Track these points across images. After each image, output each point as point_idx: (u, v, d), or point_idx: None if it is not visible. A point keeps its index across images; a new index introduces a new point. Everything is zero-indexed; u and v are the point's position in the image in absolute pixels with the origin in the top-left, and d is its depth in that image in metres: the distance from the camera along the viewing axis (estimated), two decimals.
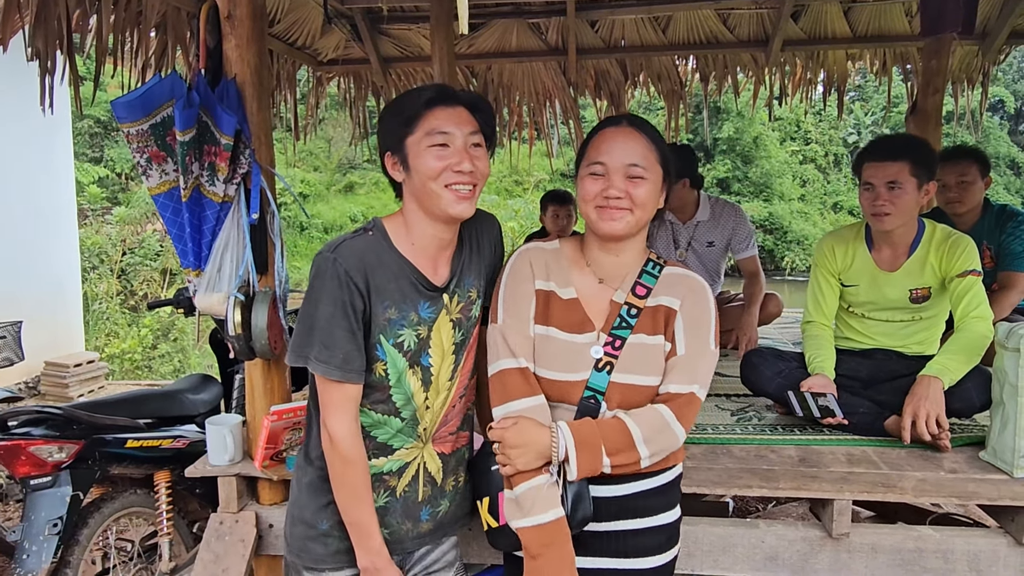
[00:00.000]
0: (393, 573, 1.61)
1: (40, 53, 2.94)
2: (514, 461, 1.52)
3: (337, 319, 1.52)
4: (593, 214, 1.58)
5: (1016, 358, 2.17)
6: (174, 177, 2.18)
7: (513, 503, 1.54)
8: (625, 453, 1.52)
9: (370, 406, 1.63)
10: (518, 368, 1.58)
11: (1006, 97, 24.27)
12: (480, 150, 1.60)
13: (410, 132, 1.57)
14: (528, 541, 1.51)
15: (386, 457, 1.66)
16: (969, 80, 5.16)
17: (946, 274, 2.51)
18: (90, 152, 15.51)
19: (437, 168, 1.54)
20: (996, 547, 2.13)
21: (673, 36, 4.89)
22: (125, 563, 2.80)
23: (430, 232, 1.62)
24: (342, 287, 1.52)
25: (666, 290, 1.63)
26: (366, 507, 1.59)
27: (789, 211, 21.68)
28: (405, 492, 1.68)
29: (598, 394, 1.56)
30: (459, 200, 1.56)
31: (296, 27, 4.67)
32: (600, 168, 1.56)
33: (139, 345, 9.06)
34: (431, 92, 1.59)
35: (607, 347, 1.58)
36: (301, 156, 19.75)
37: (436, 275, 1.64)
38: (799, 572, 2.19)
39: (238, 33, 2.23)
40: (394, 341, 1.59)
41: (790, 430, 2.60)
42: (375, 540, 1.60)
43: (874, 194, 2.48)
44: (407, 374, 1.62)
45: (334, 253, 1.55)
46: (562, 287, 1.64)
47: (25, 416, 2.60)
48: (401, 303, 1.59)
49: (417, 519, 1.71)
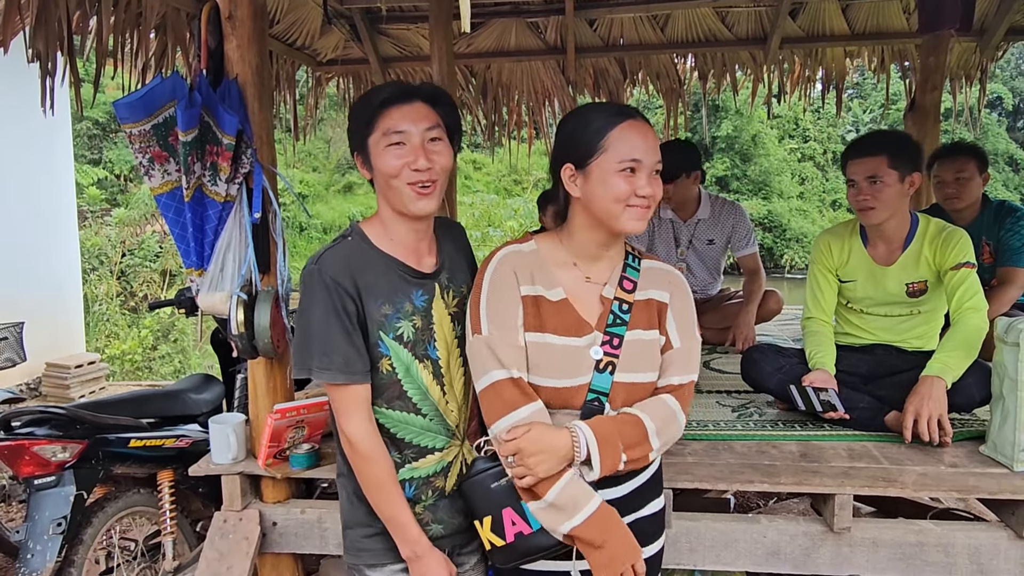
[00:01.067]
0: (435, 557, 1.63)
1: (40, 55, 2.95)
2: (535, 469, 1.45)
3: (332, 325, 1.55)
4: (622, 213, 1.51)
5: (1016, 352, 2.18)
6: (176, 177, 2.19)
7: (552, 510, 1.48)
8: (640, 447, 1.51)
9: (387, 405, 1.64)
10: (510, 378, 1.52)
11: (1004, 94, 24.26)
12: (439, 144, 1.62)
13: (370, 132, 1.61)
14: (589, 536, 1.47)
15: (425, 458, 1.67)
16: (967, 77, 5.17)
17: (941, 267, 2.53)
18: (89, 154, 15.48)
19: (396, 167, 1.58)
20: (997, 541, 2.15)
21: (672, 34, 4.90)
22: (129, 562, 2.80)
23: (404, 227, 1.66)
24: (331, 293, 1.55)
25: (652, 284, 1.64)
26: (396, 500, 1.62)
27: (788, 209, 21.69)
28: (454, 490, 1.71)
29: (602, 396, 1.54)
30: (419, 197, 1.59)
31: (295, 27, 4.68)
32: (635, 165, 1.50)
33: (139, 346, 9.06)
34: (386, 92, 1.61)
35: (606, 347, 1.56)
36: (300, 157, 19.73)
37: (421, 264, 1.68)
38: (801, 566, 2.20)
39: (239, 33, 2.25)
40: (394, 335, 1.61)
41: (791, 426, 2.62)
42: (411, 530, 1.62)
43: (857, 189, 2.54)
44: (417, 367, 1.64)
45: (317, 264, 1.59)
46: (549, 289, 1.60)
47: (28, 416, 2.60)
48: (394, 297, 1.62)
49: (465, 514, 1.71)
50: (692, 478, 2.20)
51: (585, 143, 1.53)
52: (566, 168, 1.57)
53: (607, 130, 1.51)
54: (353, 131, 1.65)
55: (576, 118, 1.59)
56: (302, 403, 2.34)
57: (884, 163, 2.47)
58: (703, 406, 2.87)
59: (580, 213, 1.59)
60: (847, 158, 2.59)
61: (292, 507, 2.39)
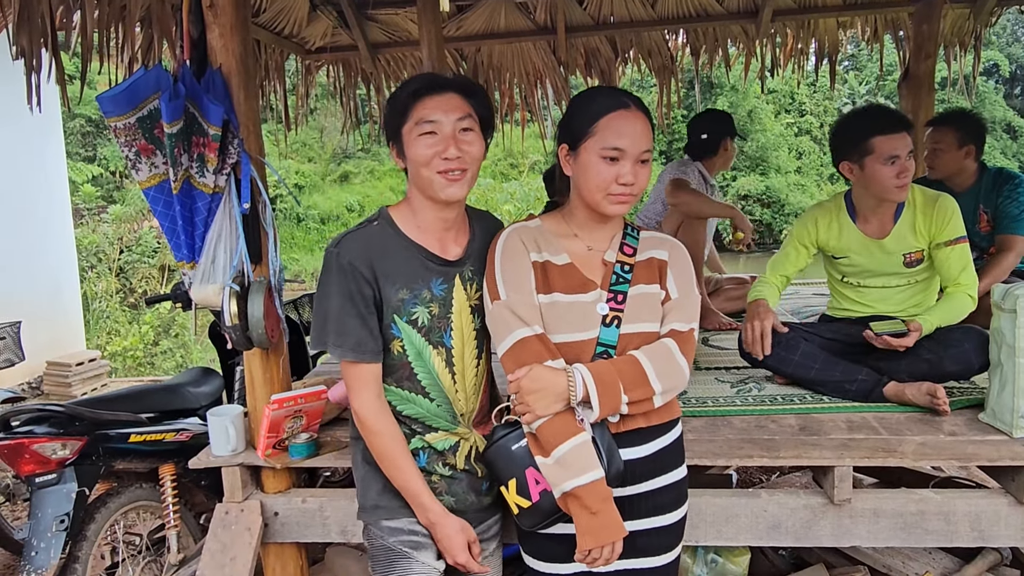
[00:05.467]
0: (450, 522, 1.71)
1: (25, 52, 2.91)
2: (533, 406, 1.54)
3: (347, 308, 1.64)
4: (602, 199, 1.63)
5: (1013, 319, 2.18)
6: (164, 170, 2.17)
7: (557, 466, 1.55)
8: (640, 388, 1.57)
9: (395, 384, 1.73)
10: (535, 335, 1.61)
11: (1001, 61, 24.10)
12: (471, 134, 1.67)
13: (403, 122, 1.66)
14: (587, 497, 1.52)
15: (434, 433, 1.75)
16: (962, 44, 5.11)
17: (934, 239, 2.53)
18: (83, 151, 15.44)
19: (427, 156, 1.63)
20: (997, 507, 2.15)
21: (662, 10, 4.84)
22: (134, 556, 2.82)
23: (433, 214, 1.72)
24: (347, 278, 1.64)
25: (651, 247, 1.75)
26: (408, 471, 1.69)
27: (786, 184, 21.59)
28: (466, 469, 1.78)
29: (610, 348, 1.62)
30: (449, 183, 1.65)
31: (282, 16, 4.63)
32: (617, 154, 1.59)
33: (140, 342, 9.06)
34: (419, 83, 1.68)
35: (611, 303, 1.65)
36: (294, 147, 19.68)
37: (446, 252, 1.74)
38: (802, 539, 2.21)
39: (221, 22, 2.22)
40: (407, 319, 1.69)
41: (790, 400, 2.61)
42: (424, 497, 1.70)
43: (897, 166, 2.45)
44: (430, 352, 1.71)
45: (337, 247, 1.67)
46: (555, 255, 1.70)
47: (27, 415, 2.61)
48: (412, 283, 1.69)
49: (480, 492, 1.81)
50: (692, 455, 2.18)
51: (578, 126, 1.65)
52: (562, 147, 1.70)
53: (599, 116, 1.61)
54: (388, 121, 1.71)
55: (578, 101, 1.70)
56: (299, 393, 2.33)
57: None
58: (702, 383, 2.87)
59: (575, 191, 1.70)
60: (877, 132, 2.47)
61: (293, 497, 2.39)
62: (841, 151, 2.62)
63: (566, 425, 1.56)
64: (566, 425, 1.56)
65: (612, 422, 1.63)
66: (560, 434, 1.55)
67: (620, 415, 1.61)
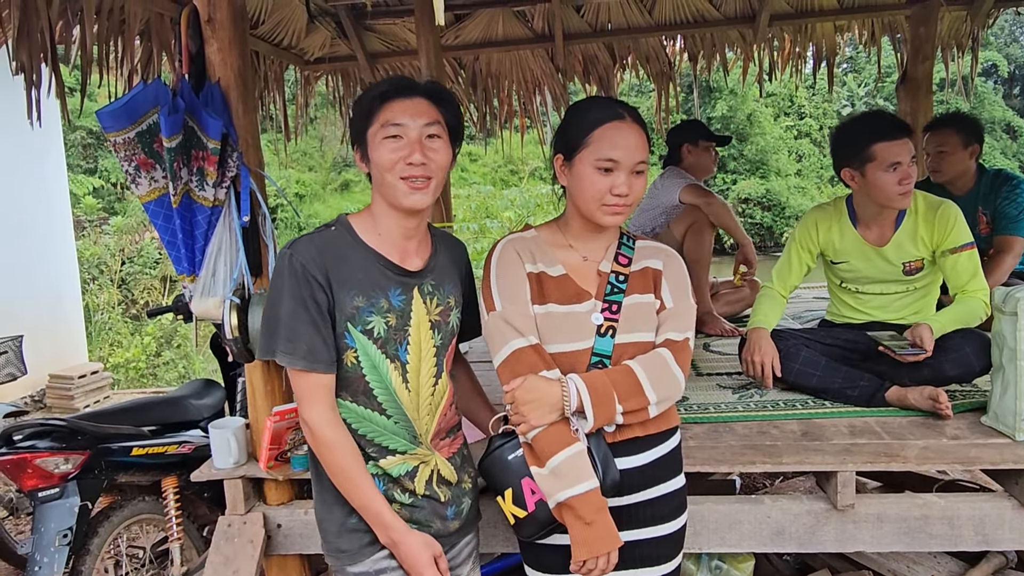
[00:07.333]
0: (413, 539, 1.62)
1: (24, 66, 2.92)
2: (528, 417, 1.55)
3: (299, 314, 1.56)
4: (597, 210, 1.62)
5: (1014, 322, 2.18)
6: (163, 184, 2.18)
7: (551, 476, 1.54)
8: (635, 398, 1.57)
9: (351, 398, 1.65)
10: (530, 345, 1.61)
11: (999, 61, 24.14)
12: (437, 141, 1.62)
13: (368, 125, 1.61)
14: (581, 508, 1.52)
15: (392, 457, 1.66)
16: (959, 46, 5.11)
17: (938, 247, 2.52)
18: (84, 163, 15.46)
19: (390, 160, 1.58)
20: (1001, 511, 2.14)
21: (659, 16, 4.85)
22: (137, 570, 2.82)
23: (394, 222, 1.66)
24: (299, 282, 1.56)
25: (646, 257, 1.74)
26: (365, 487, 1.61)
27: (786, 187, 21.60)
28: (427, 494, 1.69)
29: (605, 359, 1.62)
30: (412, 191, 1.59)
31: (281, 27, 4.64)
32: (611, 164, 1.59)
33: (143, 353, 9.06)
34: (386, 85, 1.63)
35: (605, 313, 1.65)
36: (295, 157, 19.70)
37: (406, 262, 1.68)
38: (806, 545, 2.20)
39: (219, 36, 2.22)
40: (362, 328, 1.61)
41: (791, 405, 2.61)
42: (386, 516, 1.61)
43: (900, 173, 2.44)
44: (386, 366, 1.63)
45: (290, 249, 1.59)
46: (550, 266, 1.70)
47: (29, 429, 2.61)
48: (370, 291, 1.61)
49: (445, 518, 1.73)
50: (694, 461, 2.20)
51: (573, 136, 1.65)
52: (557, 158, 1.70)
53: (594, 127, 1.61)
54: (353, 123, 1.66)
55: (574, 111, 1.71)
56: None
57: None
58: (703, 389, 2.87)
59: (571, 201, 1.71)
60: (878, 139, 2.45)
61: (296, 508, 2.39)
62: (842, 158, 2.60)
63: (561, 435, 1.56)
64: (561, 435, 1.56)
65: (609, 432, 1.63)
66: (555, 444, 1.55)
67: (616, 425, 1.61)
